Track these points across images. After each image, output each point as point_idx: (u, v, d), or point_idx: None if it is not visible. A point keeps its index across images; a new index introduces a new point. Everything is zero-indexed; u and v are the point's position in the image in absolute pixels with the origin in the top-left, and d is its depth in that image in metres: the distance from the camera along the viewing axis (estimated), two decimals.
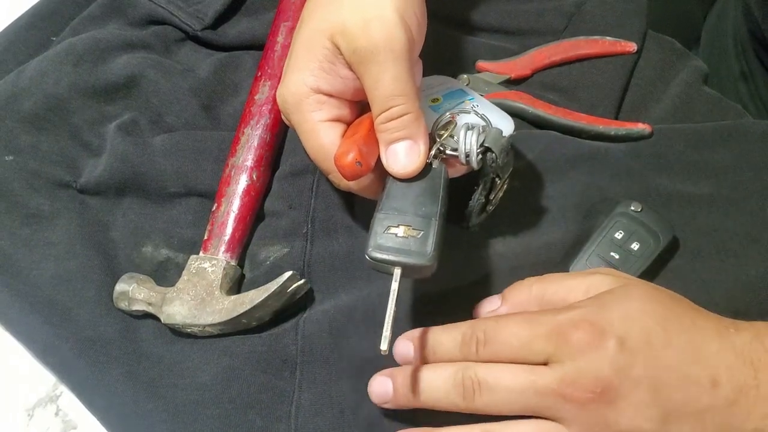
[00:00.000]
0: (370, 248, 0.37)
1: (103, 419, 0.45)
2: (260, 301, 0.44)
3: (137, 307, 0.46)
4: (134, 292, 0.46)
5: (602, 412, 0.36)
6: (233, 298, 0.45)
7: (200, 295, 0.45)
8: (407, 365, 0.40)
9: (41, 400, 0.46)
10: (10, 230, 0.49)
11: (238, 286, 0.48)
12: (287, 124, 0.44)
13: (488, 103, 0.45)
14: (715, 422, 0.36)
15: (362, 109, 0.43)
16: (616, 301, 0.38)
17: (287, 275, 0.44)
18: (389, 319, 0.36)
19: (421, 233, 0.37)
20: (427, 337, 0.40)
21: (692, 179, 0.50)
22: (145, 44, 0.58)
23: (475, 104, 0.44)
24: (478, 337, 0.39)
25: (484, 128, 0.41)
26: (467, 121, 0.42)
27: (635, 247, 0.45)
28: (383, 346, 0.35)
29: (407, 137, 0.39)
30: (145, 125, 0.54)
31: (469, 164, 0.41)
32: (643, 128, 0.52)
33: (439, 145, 0.41)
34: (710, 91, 0.55)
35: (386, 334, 0.35)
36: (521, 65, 0.56)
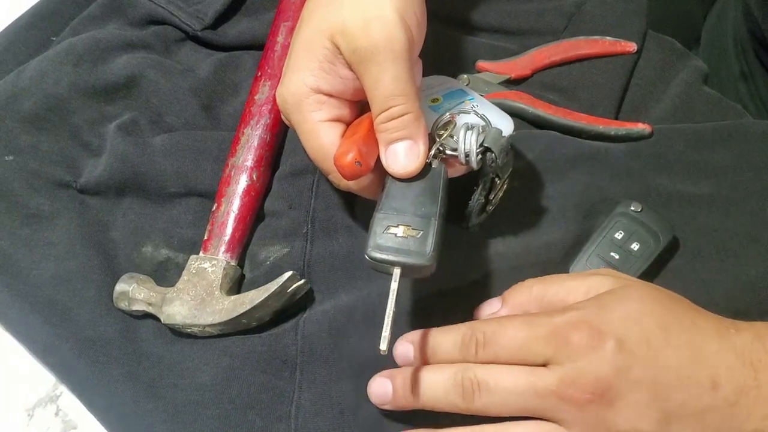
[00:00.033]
0: (369, 248, 0.37)
1: (103, 419, 0.45)
2: (260, 301, 0.44)
3: (137, 307, 0.46)
4: (134, 292, 0.46)
5: (602, 413, 0.36)
6: (233, 298, 0.45)
7: (200, 295, 0.45)
8: (407, 366, 0.40)
9: (41, 400, 0.46)
10: (10, 230, 0.49)
11: (238, 286, 0.48)
12: (287, 124, 0.43)
13: (488, 103, 0.45)
14: (715, 423, 0.36)
15: (362, 109, 0.43)
16: (615, 302, 0.38)
17: (287, 275, 0.44)
18: (388, 319, 0.36)
19: (420, 233, 0.37)
20: (426, 338, 0.40)
21: (692, 179, 0.50)
22: (145, 44, 0.58)
23: (474, 104, 0.44)
24: (477, 338, 0.39)
25: (483, 128, 0.41)
26: (467, 121, 0.42)
27: (635, 247, 0.45)
28: (382, 346, 0.35)
29: (407, 137, 0.39)
30: (145, 125, 0.54)
31: (468, 164, 0.41)
32: (643, 128, 0.52)
33: (438, 145, 0.41)
34: (710, 91, 0.55)
35: (385, 334, 0.35)
36: (521, 65, 0.56)
